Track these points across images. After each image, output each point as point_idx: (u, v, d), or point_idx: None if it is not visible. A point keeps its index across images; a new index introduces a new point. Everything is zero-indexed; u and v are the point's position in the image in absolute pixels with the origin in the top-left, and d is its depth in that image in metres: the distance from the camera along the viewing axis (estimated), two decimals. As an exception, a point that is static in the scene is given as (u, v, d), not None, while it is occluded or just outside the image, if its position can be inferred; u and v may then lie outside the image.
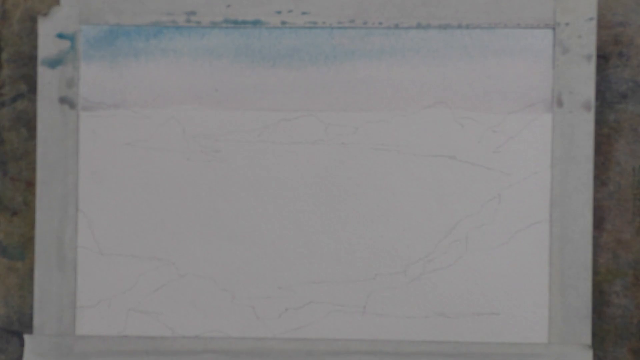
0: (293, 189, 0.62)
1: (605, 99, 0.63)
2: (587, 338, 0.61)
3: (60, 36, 0.62)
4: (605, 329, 0.63)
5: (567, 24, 0.62)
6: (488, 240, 0.62)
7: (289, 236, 0.62)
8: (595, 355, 0.63)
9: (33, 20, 0.63)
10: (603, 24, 0.63)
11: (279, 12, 0.62)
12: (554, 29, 0.62)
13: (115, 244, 0.63)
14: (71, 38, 0.62)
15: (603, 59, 0.63)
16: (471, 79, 0.62)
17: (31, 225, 0.63)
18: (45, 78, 0.62)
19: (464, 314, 0.62)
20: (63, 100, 0.62)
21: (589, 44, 0.61)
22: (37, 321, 0.62)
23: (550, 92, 0.62)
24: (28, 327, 0.63)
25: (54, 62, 0.62)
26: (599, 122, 0.63)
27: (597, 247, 0.63)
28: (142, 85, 0.63)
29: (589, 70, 0.62)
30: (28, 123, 0.63)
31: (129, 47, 0.63)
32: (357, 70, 0.62)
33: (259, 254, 0.62)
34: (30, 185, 0.63)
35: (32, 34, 0.63)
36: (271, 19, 0.62)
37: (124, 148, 0.62)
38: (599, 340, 0.63)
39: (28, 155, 0.63)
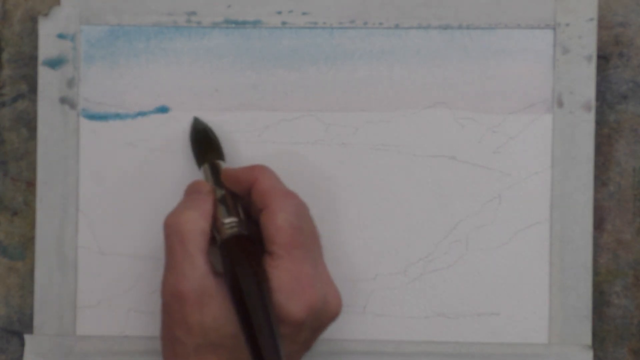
0: (293, 189, 0.62)
1: (606, 100, 0.63)
2: (587, 338, 0.61)
3: (61, 36, 0.62)
4: (605, 329, 0.63)
5: (567, 25, 0.62)
6: (488, 241, 0.62)
7: (289, 236, 0.62)
8: (595, 356, 0.62)
9: (34, 21, 0.63)
10: (603, 25, 0.63)
11: (279, 13, 0.62)
12: (554, 29, 0.62)
13: (115, 244, 0.62)
14: (72, 38, 0.62)
15: (603, 59, 0.63)
16: (471, 79, 0.62)
17: (31, 225, 0.63)
18: (46, 78, 0.62)
19: (464, 314, 0.62)
20: (63, 100, 0.62)
21: (590, 44, 0.61)
22: (37, 321, 0.62)
23: (551, 92, 0.62)
24: (28, 327, 0.63)
25: (55, 63, 0.62)
26: (599, 123, 0.63)
27: (597, 247, 0.63)
28: (143, 85, 0.63)
29: (590, 70, 0.62)
30: (28, 123, 0.63)
31: (130, 47, 0.63)
32: (357, 70, 0.62)
33: (259, 254, 0.62)
34: (31, 185, 0.63)
35: (33, 34, 0.63)
36: (271, 19, 0.62)
37: (124, 148, 0.62)
38: (599, 340, 0.63)
39: (28, 156, 0.63)
